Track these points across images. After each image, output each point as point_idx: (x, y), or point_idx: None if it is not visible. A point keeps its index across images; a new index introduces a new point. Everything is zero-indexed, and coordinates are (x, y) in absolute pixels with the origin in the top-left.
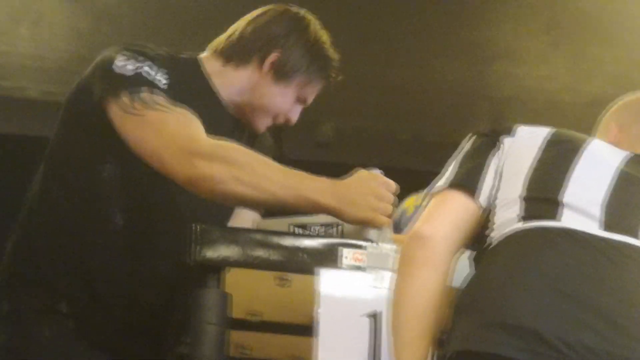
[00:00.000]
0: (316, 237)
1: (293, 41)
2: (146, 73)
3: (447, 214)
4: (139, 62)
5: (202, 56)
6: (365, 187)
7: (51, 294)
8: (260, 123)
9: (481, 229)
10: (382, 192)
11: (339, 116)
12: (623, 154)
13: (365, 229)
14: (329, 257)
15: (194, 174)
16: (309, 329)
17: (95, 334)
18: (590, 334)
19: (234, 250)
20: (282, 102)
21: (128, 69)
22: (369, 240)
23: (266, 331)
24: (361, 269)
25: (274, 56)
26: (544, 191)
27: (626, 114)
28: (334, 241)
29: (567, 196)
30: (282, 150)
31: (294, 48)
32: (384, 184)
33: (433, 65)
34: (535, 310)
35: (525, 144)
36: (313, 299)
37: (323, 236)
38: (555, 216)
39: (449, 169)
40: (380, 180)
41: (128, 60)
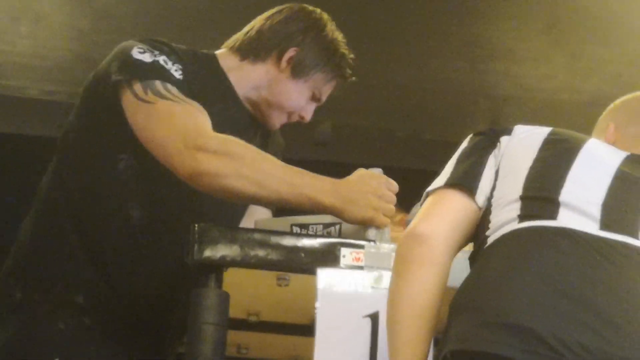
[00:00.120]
0: (315, 236)
1: (311, 38)
2: (162, 64)
3: (444, 212)
4: (155, 54)
5: (218, 53)
6: (366, 186)
7: (67, 286)
8: (276, 119)
9: (478, 228)
10: (383, 192)
11: (338, 115)
12: (621, 154)
13: (365, 228)
14: (328, 257)
15: (196, 168)
16: (308, 329)
17: (111, 330)
18: (587, 333)
19: (234, 250)
20: (298, 99)
21: (146, 57)
22: (368, 240)
23: (265, 331)
24: (361, 268)
25: (292, 52)
26: (542, 190)
27: (623, 114)
28: (333, 241)
29: (565, 196)
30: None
31: (312, 45)
32: (385, 183)
33: (432, 64)
34: (532, 309)
35: (523, 143)
36: (312, 298)
37: (322, 236)
38: (553, 216)
39: (447, 168)
40: (381, 180)
41: (146, 52)
